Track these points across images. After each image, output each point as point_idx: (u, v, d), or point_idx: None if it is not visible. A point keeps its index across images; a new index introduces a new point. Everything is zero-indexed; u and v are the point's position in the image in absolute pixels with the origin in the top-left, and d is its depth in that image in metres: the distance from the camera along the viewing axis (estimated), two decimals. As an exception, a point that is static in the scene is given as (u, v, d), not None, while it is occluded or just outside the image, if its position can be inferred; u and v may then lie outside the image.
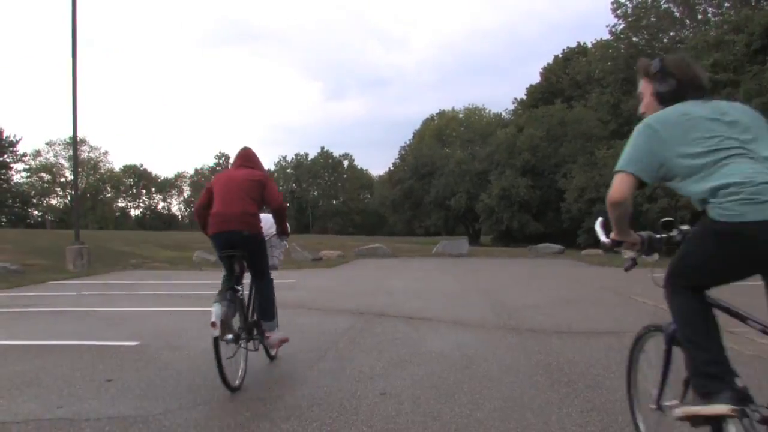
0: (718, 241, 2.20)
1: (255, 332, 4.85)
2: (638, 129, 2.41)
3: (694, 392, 2.27)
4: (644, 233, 2.69)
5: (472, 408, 3.87)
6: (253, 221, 4.82)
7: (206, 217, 4.91)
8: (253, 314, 4.98)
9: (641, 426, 3.03)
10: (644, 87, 2.66)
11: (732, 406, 2.08)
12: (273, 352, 5.26)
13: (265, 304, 4.95)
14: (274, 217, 5.25)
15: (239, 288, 4.75)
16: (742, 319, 2.44)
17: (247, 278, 4.91)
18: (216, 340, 4.18)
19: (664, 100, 2.47)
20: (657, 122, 2.35)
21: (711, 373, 2.23)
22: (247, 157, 5.23)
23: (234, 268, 4.75)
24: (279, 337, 5.05)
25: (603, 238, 2.73)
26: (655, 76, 2.53)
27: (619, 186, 2.36)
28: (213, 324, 4.18)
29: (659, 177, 2.39)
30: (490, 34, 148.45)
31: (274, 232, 5.31)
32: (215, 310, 4.24)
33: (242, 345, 4.59)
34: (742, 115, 2.34)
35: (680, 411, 2.32)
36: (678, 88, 2.44)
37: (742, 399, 2.14)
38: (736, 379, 2.24)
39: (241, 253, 4.76)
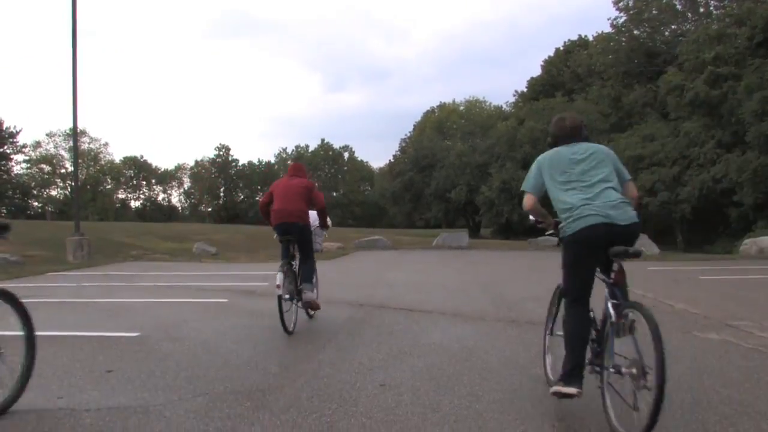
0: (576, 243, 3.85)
1: (297, 298, 6.61)
2: (534, 163, 3.89)
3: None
4: (558, 219, 3.82)
5: (472, 400, 3.88)
6: (305, 216, 6.70)
7: (268, 212, 6.78)
8: (300, 283, 6.71)
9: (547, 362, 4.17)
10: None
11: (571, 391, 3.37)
12: (311, 313, 6.96)
13: (307, 273, 6.73)
14: (318, 214, 7.24)
15: (293, 263, 6.74)
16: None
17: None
18: (279, 297, 6.05)
19: (550, 146, 3.94)
20: (543, 159, 3.84)
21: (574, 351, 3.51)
22: (299, 169, 7.34)
23: (289, 248, 6.73)
24: (313, 297, 6.65)
25: (531, 219, 4.16)
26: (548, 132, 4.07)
27: (526, 200, 3.90)
28: (278, 286, 6.07)
29: (543, 192, 3.81)
30: (491, 26, 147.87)
31: (317, 225, 7.37)
32: (279, 277, 6.15)
33: (295, 302, 6.46)
34: (590, 153, 3.73)
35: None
36: (554, 140, 3.93)
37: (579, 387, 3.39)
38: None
39: (295, 238, 6.70)
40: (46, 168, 79.19)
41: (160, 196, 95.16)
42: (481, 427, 3.39)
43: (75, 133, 19.48)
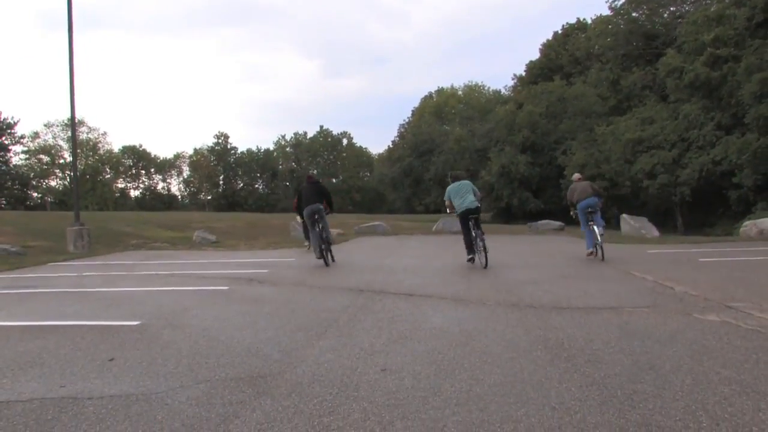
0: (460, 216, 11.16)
1: (326, 248, 11.79)
2: (446, 190, 11.66)
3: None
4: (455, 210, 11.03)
5: (472, 383, 3.90)
6: (322, 205, 12.11)
7: (301, 207, 12.47)
8: (325, 241, 11.82)
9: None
10: None
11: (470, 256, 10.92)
12: (334, 260, 12.09)
13: (328, 231, 12.11)
14: (328, 204, 12.38)
15: (318, 229, 11.84)
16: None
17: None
18: (319, 252, 11.67)
19: (453, 181, 11.59)
20: (450, 188, 11.43)
21: (467, 246, 11.01)
22: (315, 178, 13.03)
23: (316, 223, 11.80)
24: (332, 241, 12.62)
25: (447, 210, 11.89)
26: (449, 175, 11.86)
27: (447, 204, 11.60)
28: (307, 246, 14.31)
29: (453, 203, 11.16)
30: (490, 9, 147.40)
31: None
32: (312, 240, 12.24)
33: (324, 253, 11.64)
34: (463, 185, 11.21)
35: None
36: (453, 180, 11.60)
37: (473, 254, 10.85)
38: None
39: (318, 216, 11.88)
40: (45, 158, 79.10)
41: (160, 185, 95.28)
42: (482, 410, 3.40)
43: (73, 123, 19.41)
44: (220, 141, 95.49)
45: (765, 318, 5.66)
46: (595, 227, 11.50)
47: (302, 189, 12.52)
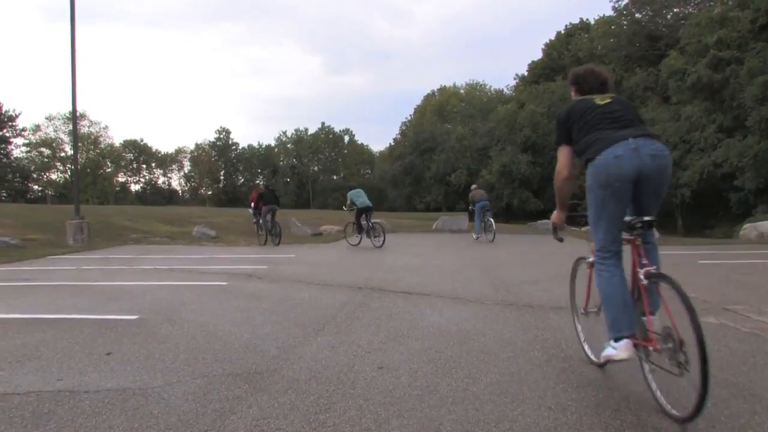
0: (358, 211, 16.54)
1: (277, 233, 17.10)
2: (349, 192, 16.51)
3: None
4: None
5: (469, 382, 3.90)
6: (276, 206, 17.95)
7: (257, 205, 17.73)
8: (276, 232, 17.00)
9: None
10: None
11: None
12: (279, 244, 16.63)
13: (280, 228, 17.11)
14: (278, 205, 17.56)
15: (270, 220, 17.38)
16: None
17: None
18: (265, 238, 17.41)
19: (351, 189, 16.48)
20: (351, 193, 16.53)
21: (359, 229, 14.24)
22: (272, 186, 14.99)
23: (273, 217, 17.47)
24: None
25: None
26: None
27: (349, 204, 16.42)
28: (263, 236, 17.87)
29: None
30: (495, 7, 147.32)
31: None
32: (264, 227, 17.51)
33: (274, 238, 16.98)
34: (362, 191, 16.46)
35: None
36: (351, 188, 17.08)
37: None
38: None
39: (273, 213, 17.50)
40: (46, 152, 79.18)
41: (160, 180, 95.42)
42: (478, 410, 3.40)
43: (74, 117, 19.41)
44: (221, 136, 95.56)
45: (763, 321, 5.66)
46: (491, 219, 18.83)
47: (263, 193, 18.23)
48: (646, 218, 3.47)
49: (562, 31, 62.56)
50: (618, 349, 3.41)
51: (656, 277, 3.41)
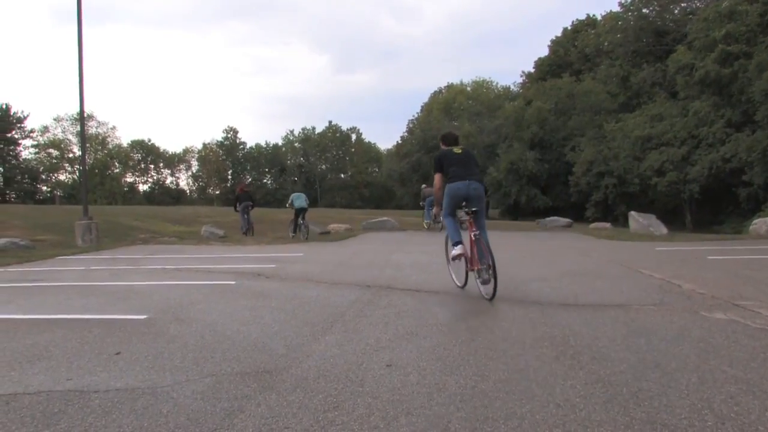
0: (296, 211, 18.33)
1: (251, 228, 21.62)
2: (292, 195, 19.28)
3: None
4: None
5: (477, 379, 3.89)
6: (251, 203, 22.37)
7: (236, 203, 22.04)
8: (251, 225, 21.56)
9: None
10: None
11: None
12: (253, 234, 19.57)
13: (253, 223, 21.78)
14: (253, 202, 21.32)
15: (247, 217, 21.71)
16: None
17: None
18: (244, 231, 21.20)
19: (293, 192, 18.55)
20: (293, 195, 19.39)
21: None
22: (247, 187, 16.35)
23: (249, 213, 21.80)
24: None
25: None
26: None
27: (289, 203, 19.51)
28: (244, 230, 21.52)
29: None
30: (500, 5, 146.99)
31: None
32: (242, 223, 21.68)
33: (248, 231, 21.48)
34: (302, 195, 19.36)
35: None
36: (293, 192, 16.55)
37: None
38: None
39: (249, 209, 21.91)
40: (54, 152, 79.57)
41: (168, 180, 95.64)
42: (486, 407, 3.40)
43: (82, 118, 19.50)
44: (229, 135, 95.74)
45: (773, 316, 5.63)
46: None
47: (239, 194, 22.52)
48: (474, 209, 7.02)
49: (569, 28, 62.37)
50: (456, 248, 7.09)
51: (477, 236, 6.92)
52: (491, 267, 6.61)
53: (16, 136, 69.64)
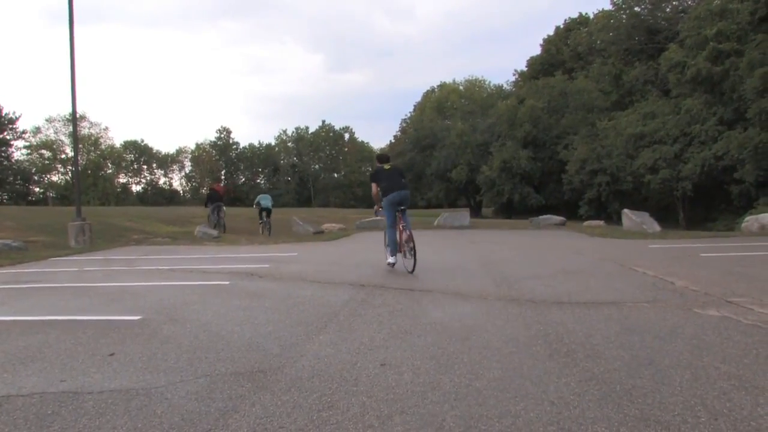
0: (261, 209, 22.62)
1: (223, 224, 22.99)
2: (258, 196, 23.46)
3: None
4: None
5: (471, 378, 3.90)
6: (222, 203, 24.54)
7: (208, 203, 24.13)
8: (221, 224, 22.70)
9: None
10: None
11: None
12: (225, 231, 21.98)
13: (224, 221, 23.25)
14: (222, 202, 24.11)
15: (217, 214, 23.38)
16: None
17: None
18: (214, 227, 21.81)
19: (261, 194, 24.21)
20: (260, 197, 23.37)
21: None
22: (218, 186, 25.90)
23: (220, 211, 23.48)
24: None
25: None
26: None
27: (256, 202, 23.32)
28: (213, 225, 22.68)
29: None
30: (493, 3, 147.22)
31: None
32: (211, 220, 23.15)
33: (220, 228, 22.14)
34: (269, 196, 23.72)
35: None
36: (261, 193, 23.61)
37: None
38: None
39: (219, 207, 23.65)
40: (47, 154, 79.22)
41: (162, 180, 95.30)
42: (480, 405, 3.41)
43: (74, 118, 19.40)
44: (222, 136, 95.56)
45: (765, 313, 5.66)
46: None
47: (210, 194, 24.94)
48: (402, 208, 9.36)
49: (561, 26, 62.51)
50: (392, 258, 9.60)
51: (404, 228, 9.31)
52: (413, 249, 9.15)
53: (8, 137, 69.18)
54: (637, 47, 46.50)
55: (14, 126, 69.67)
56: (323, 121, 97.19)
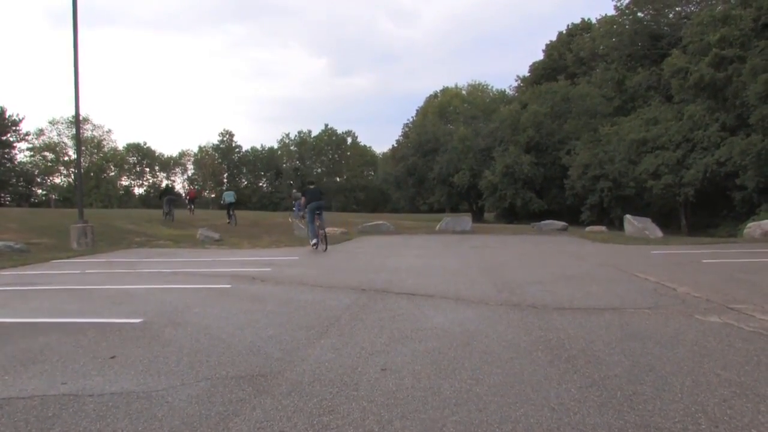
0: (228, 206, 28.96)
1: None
2: (225, 193, 30.21)
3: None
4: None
5: (472, 383, 3.90)
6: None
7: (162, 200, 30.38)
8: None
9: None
10: None
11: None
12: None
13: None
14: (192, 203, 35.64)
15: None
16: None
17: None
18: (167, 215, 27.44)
19: (228, 193, 29.95)
20: (226, 194, 29.50)
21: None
22: (196, 191, 28.84)
23: (190, 209, 34.40)
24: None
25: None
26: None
27: (225, 203, 29.10)
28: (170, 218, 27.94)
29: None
30: (499, 8, 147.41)
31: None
32: (168, 214, 27.88)
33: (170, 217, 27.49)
34: (232, 193, 29.68)
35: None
36: (227, 193, 29.50)
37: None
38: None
39: (193, 206, 35.88)
40: (50, 156, 79.38)
41: (164, 183, 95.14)
42: (481, 411, 3.41)
43: (77, 121, 19.45)
44: (224, 139, 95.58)
45: (767, 320, 5.65)
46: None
47: (164, 190, 35.29)
48: (318, 213, 15.63)
49: (564, 32, 62.52)
50: (314, 240, 15.67)
51: (320, 226, 15.58)
52: (324, 237, 15.53)
53: (11, 139, 69.45)
54: (640, 53, 46.47)
55: (18, 128, 69.97)
56: (326, 125, 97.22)
